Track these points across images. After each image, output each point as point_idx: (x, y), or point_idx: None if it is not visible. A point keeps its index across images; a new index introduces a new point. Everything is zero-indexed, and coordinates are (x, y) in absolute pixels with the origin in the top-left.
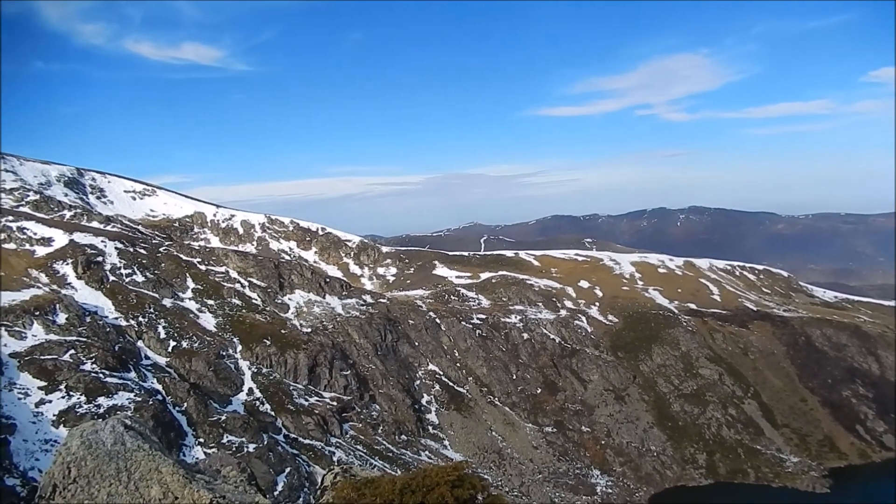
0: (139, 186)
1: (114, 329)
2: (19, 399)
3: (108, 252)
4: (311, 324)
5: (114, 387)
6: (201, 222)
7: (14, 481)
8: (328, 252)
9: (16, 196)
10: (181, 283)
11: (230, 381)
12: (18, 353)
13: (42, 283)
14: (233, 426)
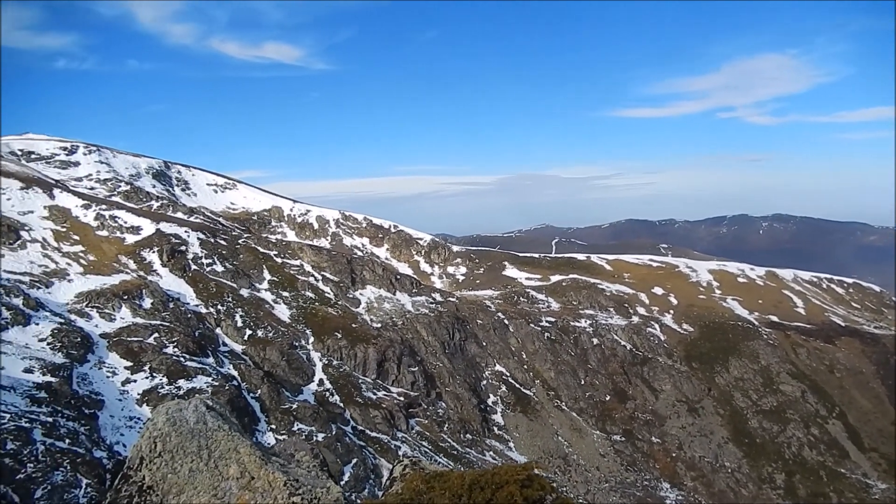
0: (221, 180)
1: (194, 315)
2: (107, 377)
3: (191, 242)
4: (380, 319)
5: (193, 370)
6: (278, 216)
7: (101, 453)
8: (399, 249)
9: (109, 186)
10: (258, 275)
11: (302, 372)
12: (108, 334)
13: (130, 269)
14: (303, 415)
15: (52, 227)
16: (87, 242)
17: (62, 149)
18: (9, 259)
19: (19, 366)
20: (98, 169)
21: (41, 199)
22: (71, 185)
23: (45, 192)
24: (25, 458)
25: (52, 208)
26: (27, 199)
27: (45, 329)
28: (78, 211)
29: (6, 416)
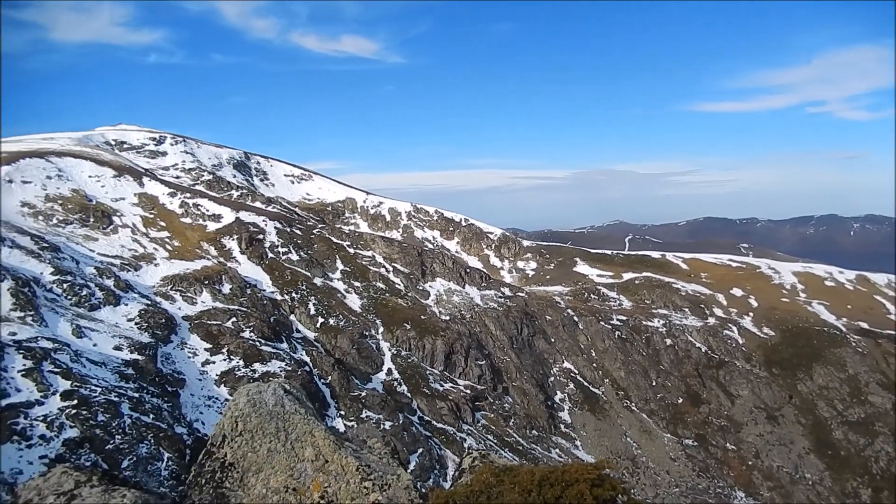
0: (297, 171)
1: (270, 302)
2: (188, 358)
3: (268, 231)
4: (449, 312)
5: (268, 355)
6: (352, 207)
7: (182, 430)
8: (470, 243)
9: (193, 175)
10: (331, 264)
11: (371, 360)
12: (190, 317)
13: (211, 256)
14: (371, 403)
15: (141, 214)
16: (173, 229)
17: (151, 139)
18: (102, 243)
19: (110, 343)
20: (183, 159)
21: (132, 187)
22: (158, 174)
23: (136, 181)
24: (114, 430)
25: (141, 195)
26: (119, 187)
27: (133, 310)
28: (164, 199)
29: (98, 389)
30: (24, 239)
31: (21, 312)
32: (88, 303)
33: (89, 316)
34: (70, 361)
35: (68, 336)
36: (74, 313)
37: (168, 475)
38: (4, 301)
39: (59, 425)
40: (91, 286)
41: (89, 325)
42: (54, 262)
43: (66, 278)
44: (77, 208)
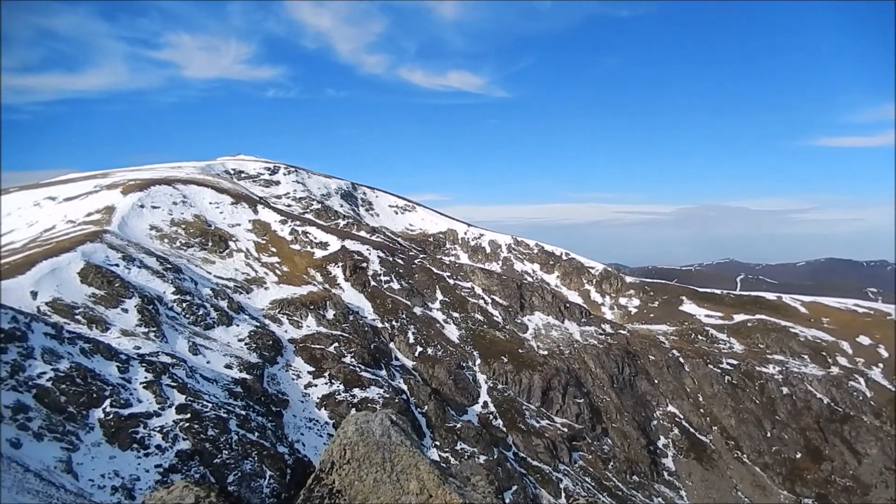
0: (401, 202)
1: (371, 329)
2: (292, 379)
3: (371, 259)
4: (547, 347)
5: (367, 381)
6: (453, 239)
7: (284, 449)
8: (570, 277)
9: (303, 204)
10: (431, 294)
11: (467, 392)
12: (295, 340)
13: (317, 282)
14: (467, 435)
15: (255, 239)
16: (283, 255)
17: (266, 168)
18: (218, 266)
19: (221, 361)
20: (295, 188)
21: (247, 214)
22: (272, 202)
23: (251, 208)
24: (222, 445)
25: (255, 222)
26: (235, 213)
27: (244, 330)
28: (276, 225)
29: (209, 405)
30: (150, 260)
31: (145, 328)
32: (204, 322)
33: (204, 334)
34: (186, 377)
35: (185, 352)
36: (191, 331)
37: (269, 493)
38: (131, 316)
39: (174, 437)
40: (207, 306)
41: (204, 343)
42: (176, 282)
43: (186, 298)
44: (198, 232)
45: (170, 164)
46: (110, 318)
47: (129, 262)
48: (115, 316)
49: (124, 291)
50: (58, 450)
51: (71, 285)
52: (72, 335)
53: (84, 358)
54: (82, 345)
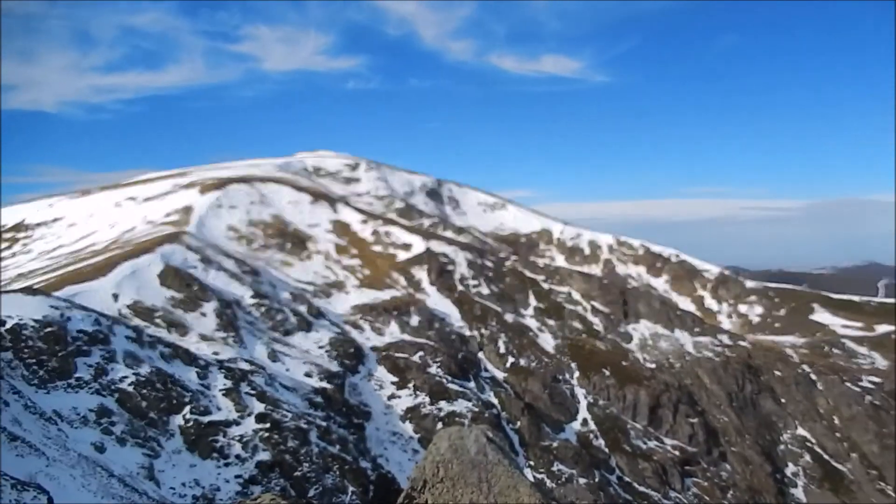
0: (490, 199)
1: (458, 337)
2: (375, 390)
3: (458, 262)
4: (655, 359)
5: (454, 393)
6: (547, 239)
7: (366, 464)
8: (681, 281)
9: (385, 203)
10: (523, 300)
11: (564, 408)
12: (377, 348)
13: (401, 286)
14: (564, 455)
15: (334, 241)
16: (364, 257)
17: (346, 165)
18: (297, 268)
19: (301, 369)
20: (377, 185)
21: (326, 213)
22: (352, 201)
23: (330, 207)
24: (302, 458)
25: (335, 222)
26: (315, 213)
27: (324, 337)
28: (357, 226)
29: (289, 415)
30: (228, 262)
31: (223, 333)
32: (283, 327)
33: (283, 340)
34: (265, 384)
35: (264, 359)
36: (270, 337)
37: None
38: (210, 321)
39: (254, 447)
40: (286, 311)
41: (283, 350)
42: (254, 285)
43: (264, 302)
44: (276, 233)
45: (247, 162)
46: (189, 321)
47: (208, 264)
48: (194, 320)
49: (203, 294)
50: (140, 455)
51: (151, 288)
52: (152, 339)
53: (164, 363)
54: (162, 349)
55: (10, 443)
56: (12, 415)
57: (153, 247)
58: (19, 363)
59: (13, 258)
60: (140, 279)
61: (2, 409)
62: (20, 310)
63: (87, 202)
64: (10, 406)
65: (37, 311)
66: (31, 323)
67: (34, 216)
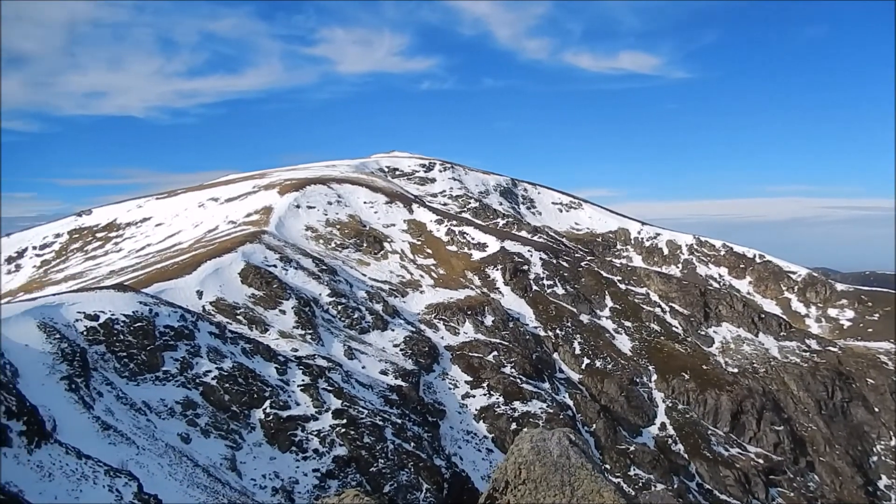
0: (566, 199)
1: (532, 337)
2: (449, 389)
3: (533, 262)
4: (737, 363)
5: (529, 394)
6: (624, 239)
7: (440, 462)
8: (765, 283)
9: (460, 203)
10: (599, 301)
11: (642, 411)
12: (452, 347)
13: (475, 285)
14: (641, 459)
15: (410, 240)
16: (438, 256)
17: (421, 165)
18: (373, 268)
19: (376, 367)
20: (451, 185)
21: (401, 214)
22: (427, 201)
23: (405, 207)
24: (378, 454)
25: (410, 222)
26: (390, 213)
27: (399, 335)
28: (432, 226)
29: (364, 411)
30: (306, 261)
31: (302, 330)
32: (359, 326)
33: (359, 339)
34: (342, 381)
35: (340, 356)
36: (347, 335)
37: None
38: (288, 318)
39: (331, 442)
40: (362, 310)
41: (359, 348)
42: (331, 284)
43: (341, 301)
44: (352, 233)
45: (324, 163)
46: (269, 319)
47: (287, 263)
48: (274, 317)
49: (282, 293)
50: (223, 447)
51: (232, 285)
52: (234, 335)
53: (245, 358)
54: (244, 345)
55: (104, 431)
56: (105, 405)
57: (235, 246)
58: (111, 356)
59: (105, 256)
60: (222, 277)
61: (96, 399)
62: (112, 305)
63: (173, 203)
64: (104, 397)
65: (127, 306)
66: (122, 318)
67: (124, 216)
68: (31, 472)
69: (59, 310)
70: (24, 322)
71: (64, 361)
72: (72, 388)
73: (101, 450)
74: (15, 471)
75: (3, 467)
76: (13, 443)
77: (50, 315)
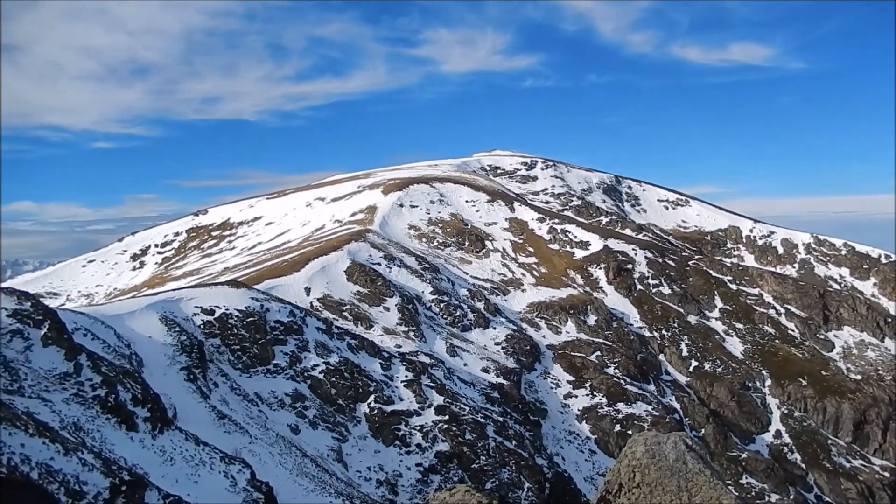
0: (672, 196)
1: (637, 338)
2: (551, 388)
3: (637, 260)
4: (861, 370)
5: (633, 395)
6: (735, 237)
7: (542, 462)
8: (892, 285)
9: (562, 201)
10: (708, 301)
11: (754, 417)
12: (553, 346)
13: (577, 284)
14: (754, 468)
15: (511, 239)
16: (540, 255)
17: (523, 164)
18: (475, 266)
19: (478, 365)
20: (553, 183)
21: (503, 212)
22: (528, 199)
23: (507, 205)
24: (479, 451)
25: (511, 220)
26: (492, 211)
27: (500, 334)
28: (533, 224)
29: (466, 408)
30: (410, 259)
31: (405, 327)
32: (461, 323)
33: (461, 336)
34: (444, 378)
35: (443, 353)
36: (449, 332)
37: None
38: (392, 315)
39: (433, 437)
40: (464, 307)
41: (461, 345)
42: (433, 282)
43: (443, 298)
44: (454, 231)
45: (427, 163)
46: (373, 315)
47: (390, 261)
48: (378, 314)
49: (386, 290)
50: (329, 439)
51: (338, 282)
52: (340, 331)
53: (351, 353)
54: (349, 340)
55: (219, 420)
56: (221, 395)
57: (341, 244)
58: (226, 349)
59: (220, 254)
60: (329, 275)
61: (212, 389)
62: (226, 301)
63: (282, 202)
64: (219, 387)
65: (240, 302)
66: (235, 313)
67: (237, 216)
68: (154, 455)
69: (179, 304)
70: (148, 315)
71: (183, 353)
72: (190, 378)
73: (217, 437)
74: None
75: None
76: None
77: (170, 309)
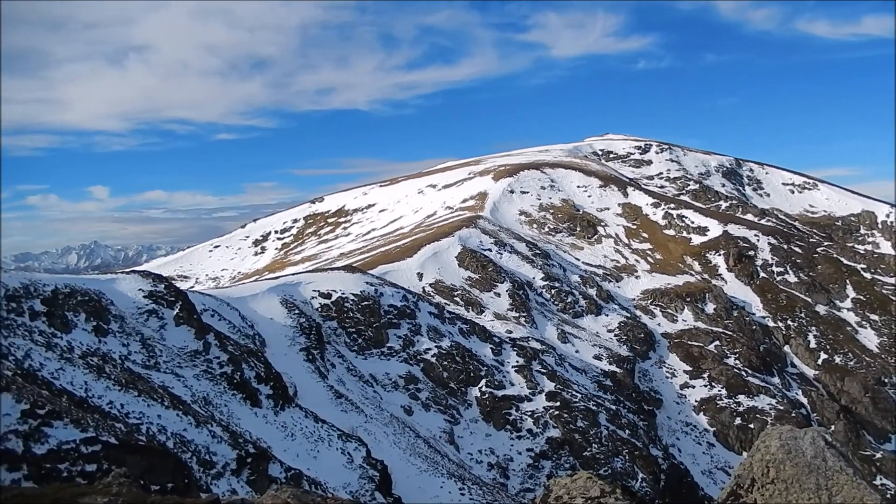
0: (799, 179)
1: (760, 328)
2: (666, 378)
3: (760, 247)
4: None
5: (755, 388)
6: (869, 223)
7: (657, 452)
8: None
9: (678, 185)
10: (839, 290)
11: (891, 415)
12: (669, 334)
13: (695, 271)
14: (889, 468)
15: (624, 224)
16: (655, 241)
17: (636, 148)
18: (587, 252)
19: (590, 352)
20: (668, 167)
21: (616, 197)
22: (642, 184)
23: (620, 190)
24: (591, 438)
25: (624, 206)
26: (604, 197)
27: (612, 321)
28: (647, 209)
29: (578, 395)
30: (520, 245)
31: (516, 313)
32: (573, 310)
33: (573, 323)
34: (555, 364)
35: (553, 340)
36: (560, 318)
37: (643, 496)
38: (503, 301)
39: (544, 423)
40: (575, 294)
41: (572, 332)
42: (544, 268)
43: (554, 284)
44: (565, 217)
45: (537, 148)
46: (484, 300)
47: (501, 247)
48: (489, 299)
49: (496, 276)
50: (442, 421)
51: (450, 268)
52: (451, 315)
53: (462, 338)
54: (461, 325)
55: (336, 399)
56: (338, 375)
57: (452, 231)
58: (342, 331)
59: (336, 240)
60: (440, 260)
61: (329, 370)
62: (342, 285)
63: (395, 190)
64: (336, 368)
65: (355, 286)
66: (351, 297)
67: (352, 203)
68: (276, 430)
69: (298, 288)
70: (270, 298)
71: (302, 334)
72: (309, 358)
73: (334, 416)
74: (264, 429)
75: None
76: (263, 404)
77: (290, 293)
